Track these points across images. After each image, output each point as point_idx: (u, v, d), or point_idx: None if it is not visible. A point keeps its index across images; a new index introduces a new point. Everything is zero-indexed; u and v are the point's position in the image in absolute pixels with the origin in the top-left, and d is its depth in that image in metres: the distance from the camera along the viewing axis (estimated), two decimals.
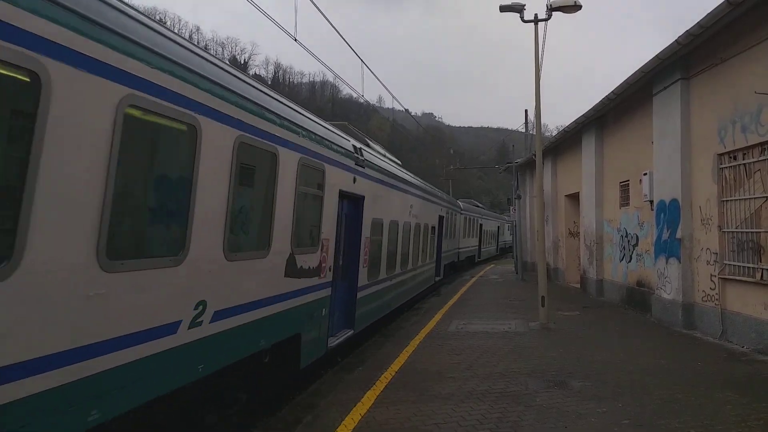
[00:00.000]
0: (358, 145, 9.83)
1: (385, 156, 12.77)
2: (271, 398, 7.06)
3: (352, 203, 9.38)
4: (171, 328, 4.31)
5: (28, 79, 3.00)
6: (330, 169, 7.85)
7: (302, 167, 6.77)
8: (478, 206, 39.56)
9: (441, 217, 20.06)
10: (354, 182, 9.02)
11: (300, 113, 7.11)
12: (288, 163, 6.36)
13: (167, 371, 4.28)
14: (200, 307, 4.70)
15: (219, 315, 5.03)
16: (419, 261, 15.74)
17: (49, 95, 3.09)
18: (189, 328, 4.54)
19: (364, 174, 9.64)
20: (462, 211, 28.15)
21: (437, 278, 20.66)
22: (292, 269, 6.62)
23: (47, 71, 3.07)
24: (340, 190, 8.33)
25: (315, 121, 7.66)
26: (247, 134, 5.42)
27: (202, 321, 4.73)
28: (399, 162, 14.92)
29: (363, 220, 9.64)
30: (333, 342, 8.47)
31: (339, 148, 8.39)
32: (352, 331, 9.49)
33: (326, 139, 7.79)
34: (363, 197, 9.59)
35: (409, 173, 15.11)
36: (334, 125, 9.00)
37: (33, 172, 3.03)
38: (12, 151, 3.07)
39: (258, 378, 6.51)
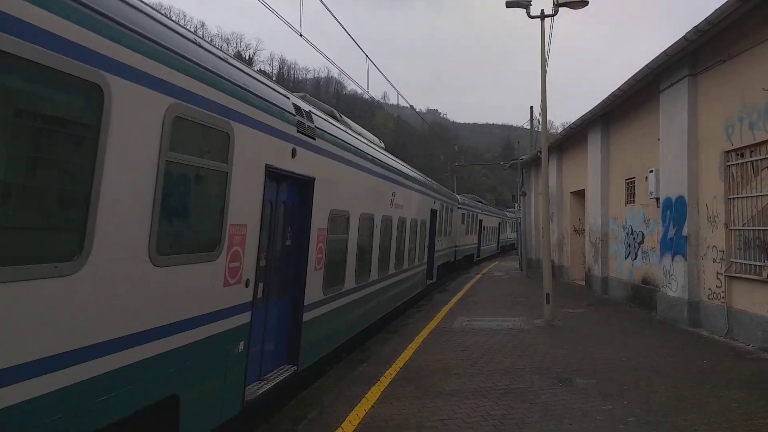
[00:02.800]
0: (305, 106, 7.06)
1: (360, 135, 10.13)
2: (275, 394, 7.06)
3: (294, 187, 6.70)
4: None
5: (92, 92, 3.31)
6: (244, 132, 5.06)
7: (177, 121, 4.10)
8: (480, 202, 38.24)
9: (434, 212, 17.72)
10: (294, 156, 6.21)
11: (172, 30, 4.31)
12: (135, 108, 3.70)
13: None
14: None
15: None
16: (405, 264, 13.22)
17: (110, 106, 3.43)
18: None
19: (315, 147, 6.91)
20: (460, 206, 26.31)
21: (429, 281, 18.06)
22: (150, 290, 3.93)
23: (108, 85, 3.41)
24: (267, 166, 5.58)
25: (211, 52, 4.83)
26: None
27: None
28: (382, 145, 12.54)
29: (313, 212, 6.94)
30: (258, 390, 5.76)
31: (264, 104, 5.57)
32: (295, 368, 6.64)
33: (236, 84, 5.01)
34: (313, 179, 6.84)
35: (395, 159, 13.00)
36: (269, 80, 6.28)
37: (98, 176, 3.32)
38: (79, 156, 3.34)
39: None
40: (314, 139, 6.88)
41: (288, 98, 6.50)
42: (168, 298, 4.13)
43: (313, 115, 7.09)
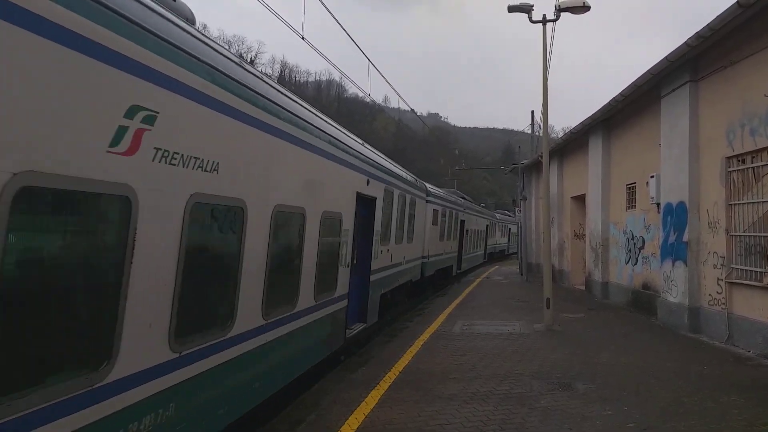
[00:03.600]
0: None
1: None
2: (274, 397, 7.03)
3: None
4: None
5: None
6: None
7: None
8: (464, 198, 29.10)
9: (366, 200, 9.67)
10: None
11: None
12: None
13: None
14: None
15: None
16: (268, 310, 5.73)
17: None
18: None
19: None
20: (430, 199, 18.02)
21: (351, 332, 9.28)
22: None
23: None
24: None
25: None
26: None
27: None
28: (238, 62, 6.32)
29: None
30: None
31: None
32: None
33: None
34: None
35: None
36: None
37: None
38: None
39: None
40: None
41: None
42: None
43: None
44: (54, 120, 2.82)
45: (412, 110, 30.29)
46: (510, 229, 51.85)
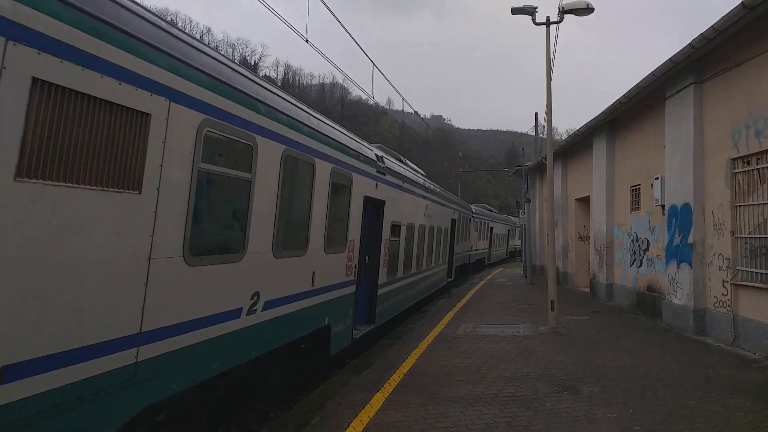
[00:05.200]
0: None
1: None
2: (279, 398, 7.06)
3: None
4: None
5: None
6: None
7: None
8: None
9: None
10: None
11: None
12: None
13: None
14: None
15: None
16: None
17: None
18: None
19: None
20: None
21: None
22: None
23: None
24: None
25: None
26: None
27: None
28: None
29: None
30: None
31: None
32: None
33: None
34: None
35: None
36: None
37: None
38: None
39: None
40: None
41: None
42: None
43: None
44: None
45: (416, 112, 30.29)
46: (492, 228, 37.47)
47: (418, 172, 14.78)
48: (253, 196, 5.41)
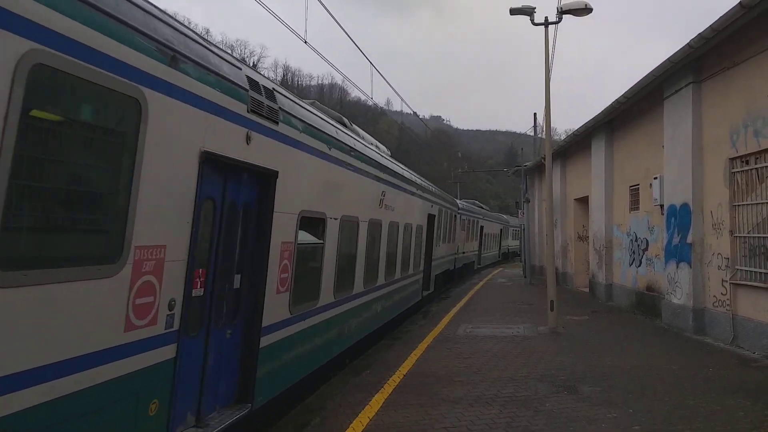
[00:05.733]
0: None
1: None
2: (279, 400, 7.03)
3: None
4: None
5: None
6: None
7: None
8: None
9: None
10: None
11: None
12: None
13: None
14: None
15: None
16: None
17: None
18: None
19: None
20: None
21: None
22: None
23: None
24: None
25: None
26: None
27: None
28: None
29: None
30: None
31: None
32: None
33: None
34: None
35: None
36: None
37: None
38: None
39: None
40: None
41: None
42: None
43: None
44: None
45: (415, 113, 30.36)
46: (483, 227, 33.21)
47: (376, 146, 10.87)
48: None
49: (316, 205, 6.89)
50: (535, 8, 12.25)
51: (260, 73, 6.09)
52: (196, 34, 4.72)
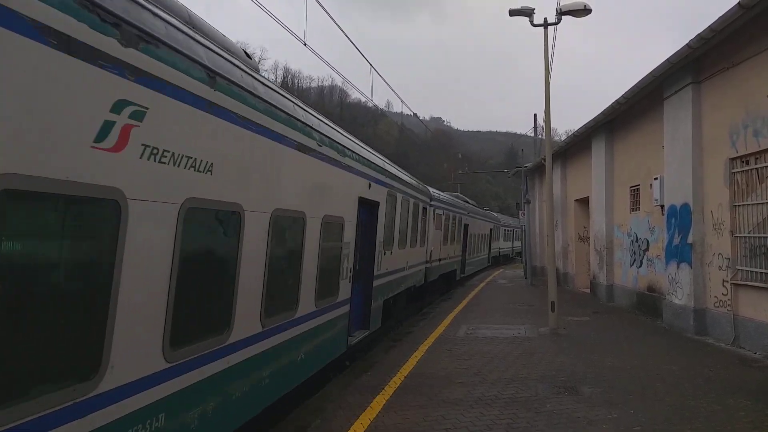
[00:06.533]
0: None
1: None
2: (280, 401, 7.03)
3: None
4: None
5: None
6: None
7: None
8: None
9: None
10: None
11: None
12: None
13: None
14: None
15: None
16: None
17: None
18: None
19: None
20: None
21: (354, 339, 8.97)
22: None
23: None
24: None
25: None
26: None
27: None
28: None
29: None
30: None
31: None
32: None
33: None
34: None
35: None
36: None
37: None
38: None
39: None
40: None
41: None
42: None
43: None
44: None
45: (415, 114, 30.39)
46: (468, 225, 26.61)
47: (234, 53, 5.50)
48: None
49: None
50: (534, 9, 12.23)
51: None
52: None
